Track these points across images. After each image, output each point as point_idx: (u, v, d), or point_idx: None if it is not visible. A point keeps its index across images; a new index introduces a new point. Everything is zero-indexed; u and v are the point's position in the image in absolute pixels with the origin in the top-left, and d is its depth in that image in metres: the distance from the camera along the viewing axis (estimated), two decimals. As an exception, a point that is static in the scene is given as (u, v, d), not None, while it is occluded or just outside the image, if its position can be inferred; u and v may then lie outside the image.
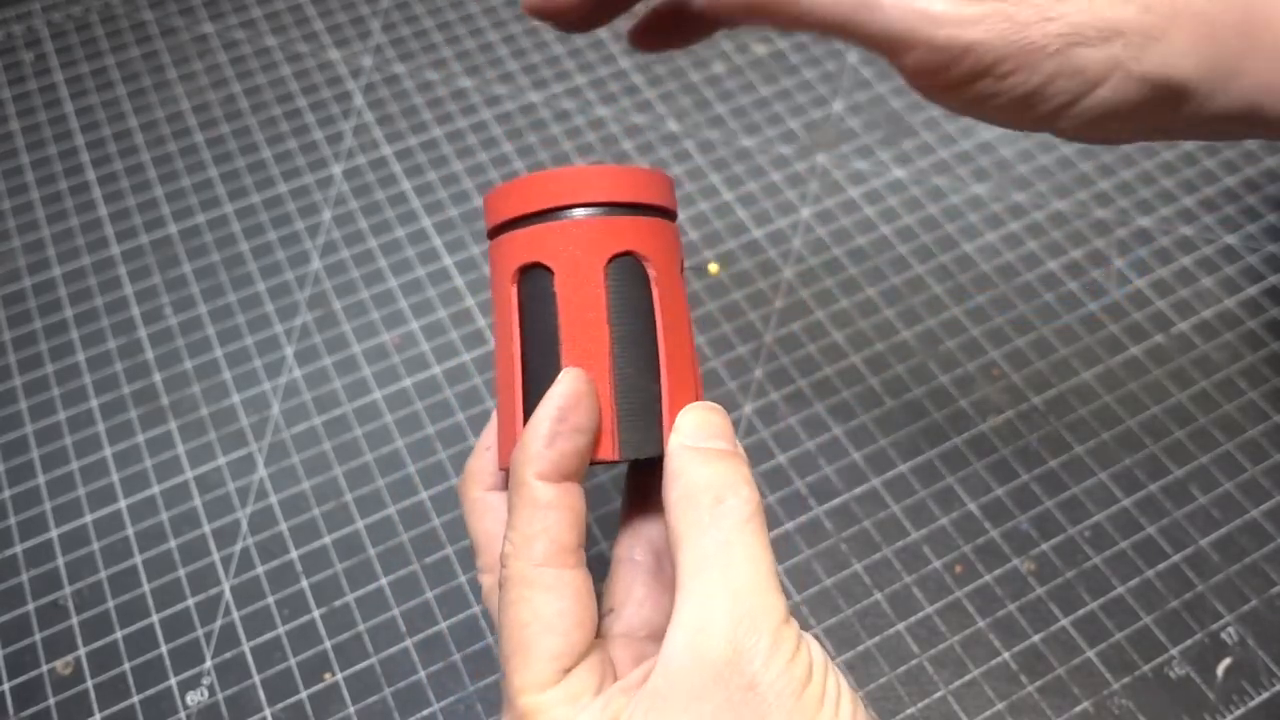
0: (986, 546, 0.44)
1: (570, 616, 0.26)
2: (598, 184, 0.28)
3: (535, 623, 0.25)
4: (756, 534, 0.25)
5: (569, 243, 0.28)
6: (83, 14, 0.64)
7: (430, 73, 0.60)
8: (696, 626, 0.24)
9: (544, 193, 0.28)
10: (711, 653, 0.23)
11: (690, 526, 0.25)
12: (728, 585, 0.24)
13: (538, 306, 0.28)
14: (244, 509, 0.45)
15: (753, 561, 0.25)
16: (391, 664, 0.41)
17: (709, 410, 0.28)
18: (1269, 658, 0.41)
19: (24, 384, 0.49)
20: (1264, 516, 0.44)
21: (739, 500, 0.26)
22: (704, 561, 0.25)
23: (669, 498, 0.26)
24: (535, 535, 0.26)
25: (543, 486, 0.26)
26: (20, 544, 0.44)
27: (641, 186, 0.29)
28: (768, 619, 0.24)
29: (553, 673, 0.25)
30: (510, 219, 0.29)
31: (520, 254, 0.28)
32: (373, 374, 0.49)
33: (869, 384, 0.48)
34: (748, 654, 0.23)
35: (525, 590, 0.26)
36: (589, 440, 0.27)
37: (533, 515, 0.26)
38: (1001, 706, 0.40)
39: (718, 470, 0.26)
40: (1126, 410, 0.47)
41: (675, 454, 0.27)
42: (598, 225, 0.28)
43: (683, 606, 0.24)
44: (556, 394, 0.26)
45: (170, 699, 0.41)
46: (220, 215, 0.55)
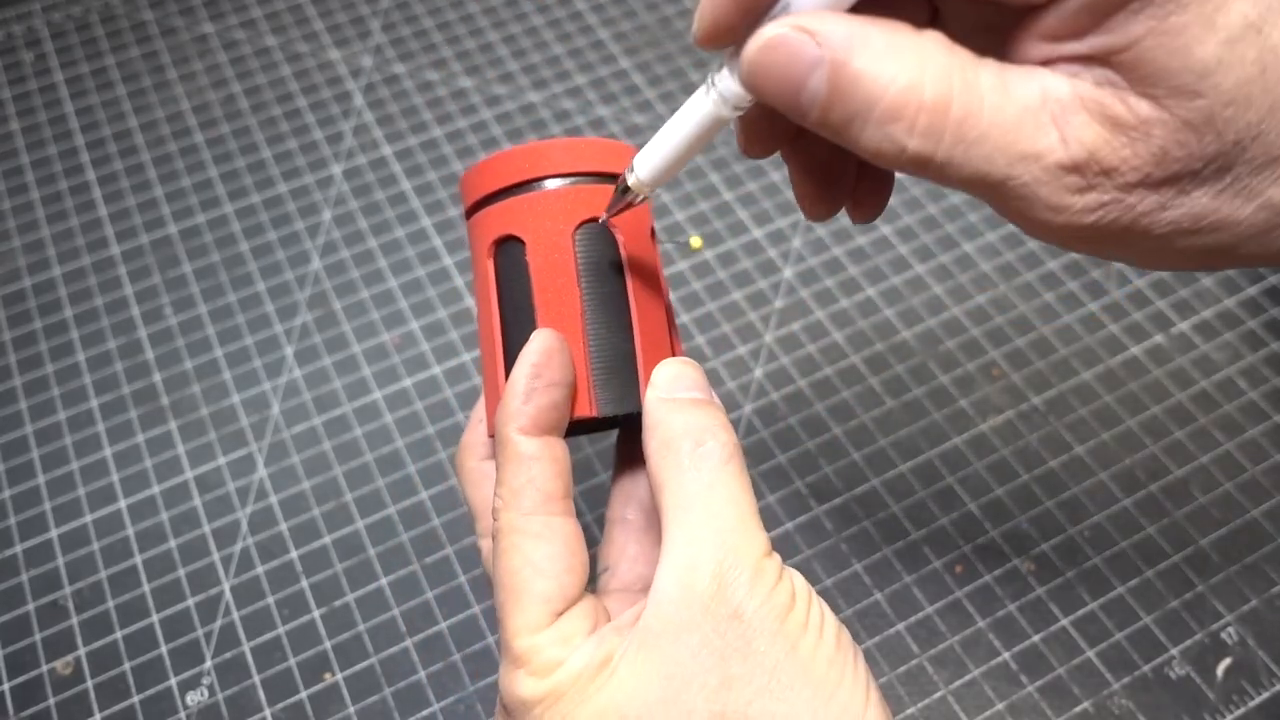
0: (986, 546, 0.44)
1: (560, 560, 0.27)
2: (562, 156, 0.30)
3: (526, 568, 0.26)
4: (736, 475, 0.26)
5: (538, 213, 0.29)
6: (83, 14, 0.64)
7: (430, 73, 0.60)
8: (684, 564, 0.25)
9: (511, 168, 0.30)
10: (698, 586, 0.24)
11: (672, 470, 0.26)
12: (711, 524, 0.25)
13: (513, 276, 0.30)
14: (244, 509, 0.45)
15: (734, 501, 0.26)
16: (391, 664, 0.41)
17: (682, 364, 0.29)
18: (1269, 658, 0.41)
19: (24, 384, 0.49)
20: (1264, 516, 0.44)
21: (717, 443, 0.26)
22: (687, 503, 0.26)
23: (649, 447, 0.27)
24: (522, 487, 0.27)
25: (525, 440, 0.27)
26: (20, 544, 0.44)
27: (605, 156, 0.30)
28: (750, 552, 0.25)
29: (545, 615, 0.26)
30: (482, 196, 0.30)
31: (493, 228, 0.30)
32: (373, 374, 0.49)
33: (869, 384, 0.48)
34: (732, 585, 0.24)
35: (516, 538, 0.27)
36: (565, 394, 0.28)
37: (518, 468, 0.27)
38: (1001, 706, 0.40)
39: (694, 416, 0.27)
40: (1126, 410, 0.47)
41: (652, 406, 0.28)
42: (564, 195, 0.29)
43: (670, 547, 0.25)
44: (530, 351, 0.28)
45: (170, 699, 0.41)
46: (220, 215, 0.55)
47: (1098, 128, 0.21)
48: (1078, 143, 0.21)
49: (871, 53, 0.21)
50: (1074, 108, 0.21)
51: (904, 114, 0.21)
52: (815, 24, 0.21)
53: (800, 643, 0.24)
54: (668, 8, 0.63)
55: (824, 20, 0.21)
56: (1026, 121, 0.21)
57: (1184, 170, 0.21)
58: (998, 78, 0.21)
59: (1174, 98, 0.20)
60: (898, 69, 0.21)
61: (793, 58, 0.21)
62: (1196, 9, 0.20)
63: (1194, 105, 0.20)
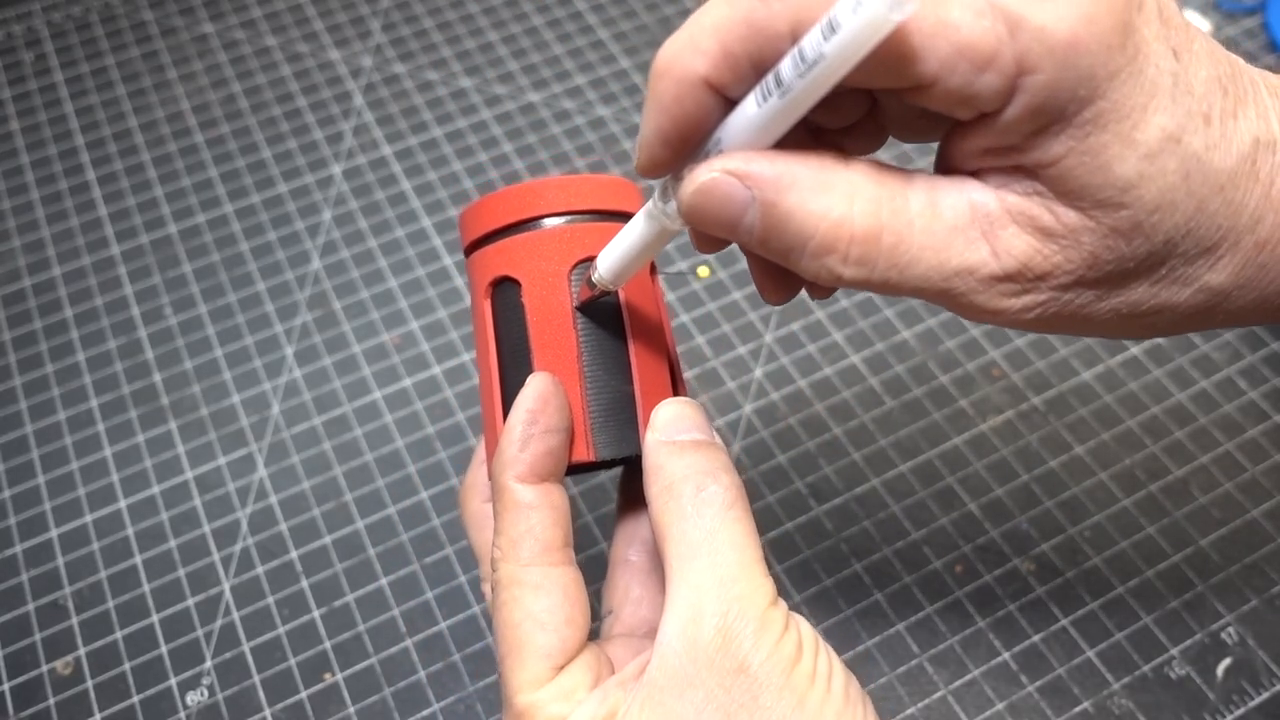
0: (986, 546, 0.44)
1: (560, 613, 0.26)
2: (556, 195, 0.29)
3: (526, 621, 0.26)
4: (739, 520, 0.26)
5: (533, 253, 0.29)
6: (83, 14, 0.64)
7: (430, 73, 0.60)
8: (688, 616, 0.24)
9: (507, 208, 0.29)
10: (702, 639, 0.24)
11: (674, 517, 0.26)
12: (715, 573, 0.25)
13: (509, 318, 0.29)
14: (244, 509, 0.45)
15: (737, 548, 0.25)
16: (391, 664, 0.41)
17: (681, 404, 0.28)
18: (1269, 658, 0.41)
19: (24, 384, 0.49)
20: (1264, 516, 0.44)
21: (720, 487, 0.26)
22: (690, 551, 0.25)
23: (650, 492, 0.27)
24: (520, 536, 0.27)
25: (522, 489, 0.27)
26: (20, 544, 0.44)
27: (600, 194, 0.30)
28: (755, 602, 0.24)
29: (546, 670, 0.26)
30: (479, 237, 0.30)
31: (490, 269, 0.29)
32: (373, 374, 0.49)
33: (869, 384, 0.48)
34: (737, 637, 0.24)
35: (515, 590, 0.26)
36: (562, 440, 0.27)
37: (516, 517, 0.27)
38: (1001, 706, 0.40)
39: (695, 460, 0.27)
40: (1126, 410, 0.47)
41: (651, 449, 0.27)
42: (560, 234, 0.29)
43: (674, 597, 0.25)
44: (525, 397, 0.27)
45: (170, 699, 0.41)
46: (220, 215, 0.55)
47: (1028, 238, 0.21)
48: (1009, 255, 0.22)
49: (799, 191, 0.21)
50: (1003, 220, 0.22)
51: (836, 247, 0.21)
52: (743, 166, 0.21)
53: (808, 696, 0.24)
54: (668, 8, 0.63)
55: (752, 161, 0.21)
56: (957, 239, 0.22)
57: (1116, 270, 0.22)
58: (927, 198, 0.22)
59: (1099, 209, 0.21)
60: (827, 205, 0.21)
61: (725, 200, 0.22)
62: (1114, 128, 0.20)
63: (1119, 215, 0.21)
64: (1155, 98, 0.20)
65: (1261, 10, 0.61)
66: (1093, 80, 0.19)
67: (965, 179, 0.22)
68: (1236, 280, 0.22)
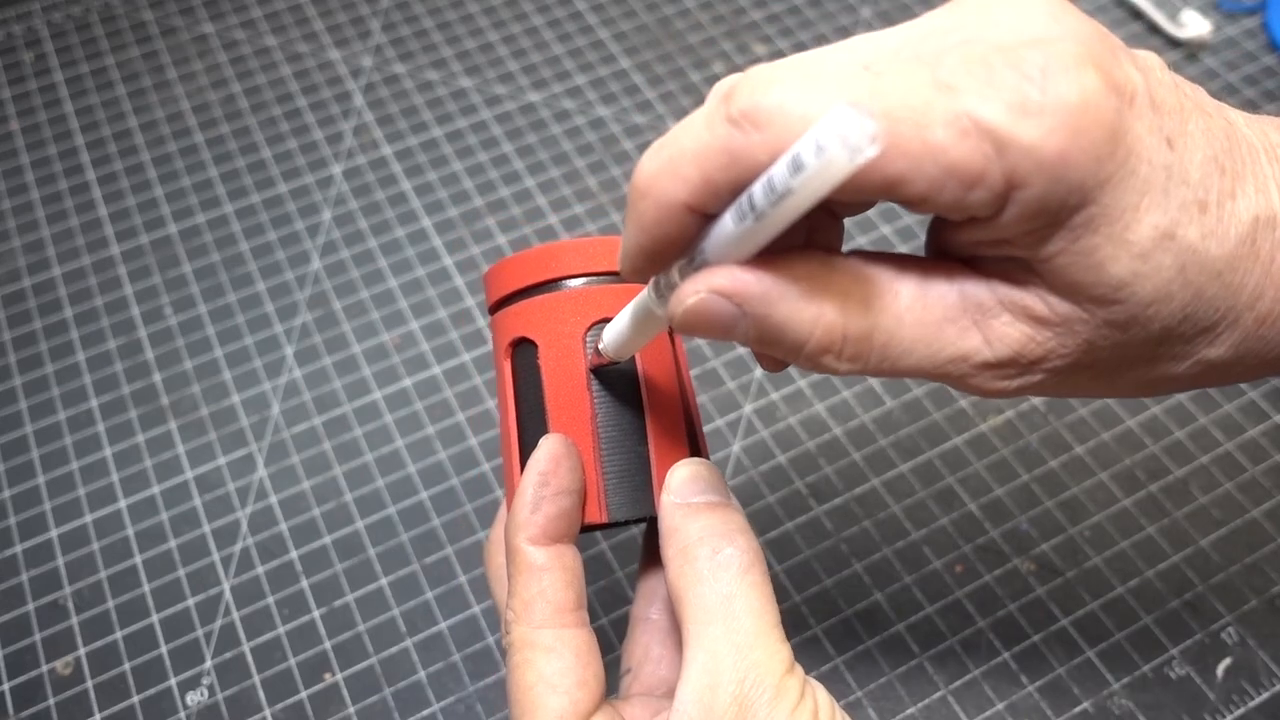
0: (986, 546, 0.44)
1: (572, 675, 0.26)
2: (575, 257, 0.29)
3: (539, 684, 0.26)
4: (756, 585, 0.25)
5: (549, 315, 0.29)
6: (83, 14, 0.64)
7: (430, 73, 0.60)
8: (704, 682, 0.24)
9: (527, 270, 0.30)
10: (719, 706, 0.24)
11: (690, 580, 0.26)
12: (731, 639, 0.25)
13: (527, 378, 0.30)
14: (244, 509, 0.45)
15: (754, 613, 0.25)
16: (391, 664, 0.41)
17: (696, 465, 0.28)
18: (1269, 658, 0.41)
19: (24, 384, 0.49)
20: (1264, 516, 0.44)
21: (736, 550, 0.26)
22: (707, 615, 0.25)
23: (666, 554, 0.27)
24: (533, 599, 0.27)
25: (535, 551, 0.27)
26: (20, 544, 0.44)
27: (617, 254, 0.29)
28: (771, 669, 0.24)
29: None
30: (500, 298, 0.30)
31: (509, 330, 0.30)
32: (373, 374, 0.49)
33: (869, 384, 0.48)
34: (752, 705, 0.24)
35: (528, 653, 0.26)
36: (574, 502, 0.27)
37: (529, 580, 0.27)
38: (1001, 706, 0.40)
39: (711, 522, 0.26)
40: (1126, 410, 0.47)
41: (666, 511, 0.27)
42: (576, 296, 0.29)
43: (690, 662, 0.25)
44: (536, 459, 0.27)
45: (170, 699, 0.41)
46: (220, 215, 0.55)
47: (1021, 326, 0.22)
48: (1001, 343, 0.22)
49: (788, 303, 0.21)
50: (995, 309, 0.22)
51: (830, 349, 0.22)
52: (729, 284, 0.21)
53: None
54: (668, 8, 0.63)
55: (737, 278, 0.21)
56: (948, 329, 0.22)
57: (1112, 355, 0.22)
58: (917, 290, 0.22)
59: (1094, 304, 0.21)
60: (817, 313, 0.21)
61: (715, 317, 0.22)
62: (1106, 230, 0.20)
63: (1114, 310, 0.21)
64: (1148, 195, 0.20)
65: (1261, 10, 0.61)
66: (1082, 190, 0.19)
67: (956, 267, 0.22)
68: (1236, 353, 0.22)
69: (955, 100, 0.19)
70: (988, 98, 0.19)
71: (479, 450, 0.46)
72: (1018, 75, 0.19)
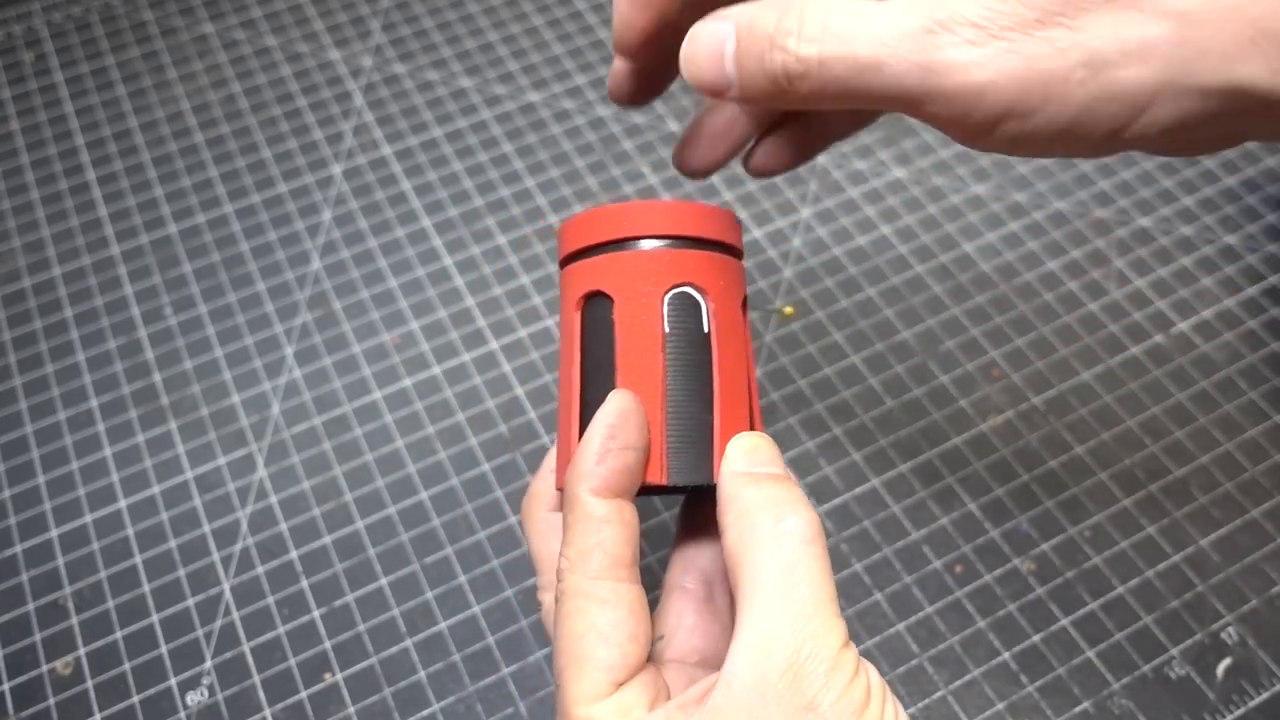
0: (986, 546, 0.44)
1: (624, 628, 0.26)
2: (662, 218, 0.29)
3: (590, 634, 0.26)
4: (818, 557, 0.25)
5: (630, 273, 0.29)
6: (83, 14, 0.64)
7: (430, 73, 0.60)
8: (760, 647, 0.24)
9: (611, 224, 0.30)
10: (773, 673, 0.24)
11: (751, 545, 0.25)
12: (790, 607, 0.24)
13: (598, 333, 0.29)
14: (244, 509, 0.45)
15: (814, 584, 0.25)
16: (391, 664, 0.41)
17: (758, 438, 0.28)
18: (1269, 658, 0.41)
19: (24, 384, 0.49)
20: (1264, 516, 0.44)
21: (800, 520, 0.26)
22: (767, 581, 0.25)
23: (725, 520, 0.26)
24: (590, 549, 0.26)
25: (596, 502, 0.27)
26: (20, 544, 0.44)
27: (705, 222, 0.30)
28: (828, 641, 0.24)
29: (606, 684, 0.25)
30: (579, 249, 0.30)
31: (585, 282, 0.30)
32: (373, 374, 0.49)
33: (869, 384, 0.48)
34: (809, 675, 0.23)
35: (581, 602, 0.26)
36: (638, 458, 0.27)
37: (587, 530, 0.27)
38: (1001, 706, 0.40)
39: (773, 491, 0.26)
40: (1126, 410, 0.47)
41: (727, 479, 0.27)
42: (659, 257, 0.29)
43: (745, 626, 0.24)
44: (606, 412, 0.27)
45: (170, 699, 0.41)
46: (220, 215, 0.55)
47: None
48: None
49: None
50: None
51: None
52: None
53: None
54: (668, 8, 0.63)
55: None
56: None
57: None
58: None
59: None
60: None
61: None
62: None
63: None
64: None
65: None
66: None
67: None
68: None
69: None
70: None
71: (479, 450, 0.46)
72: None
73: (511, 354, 0.49)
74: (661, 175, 0.55)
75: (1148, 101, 0.23)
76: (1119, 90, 0.22)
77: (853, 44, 0.24)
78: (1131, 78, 0.22)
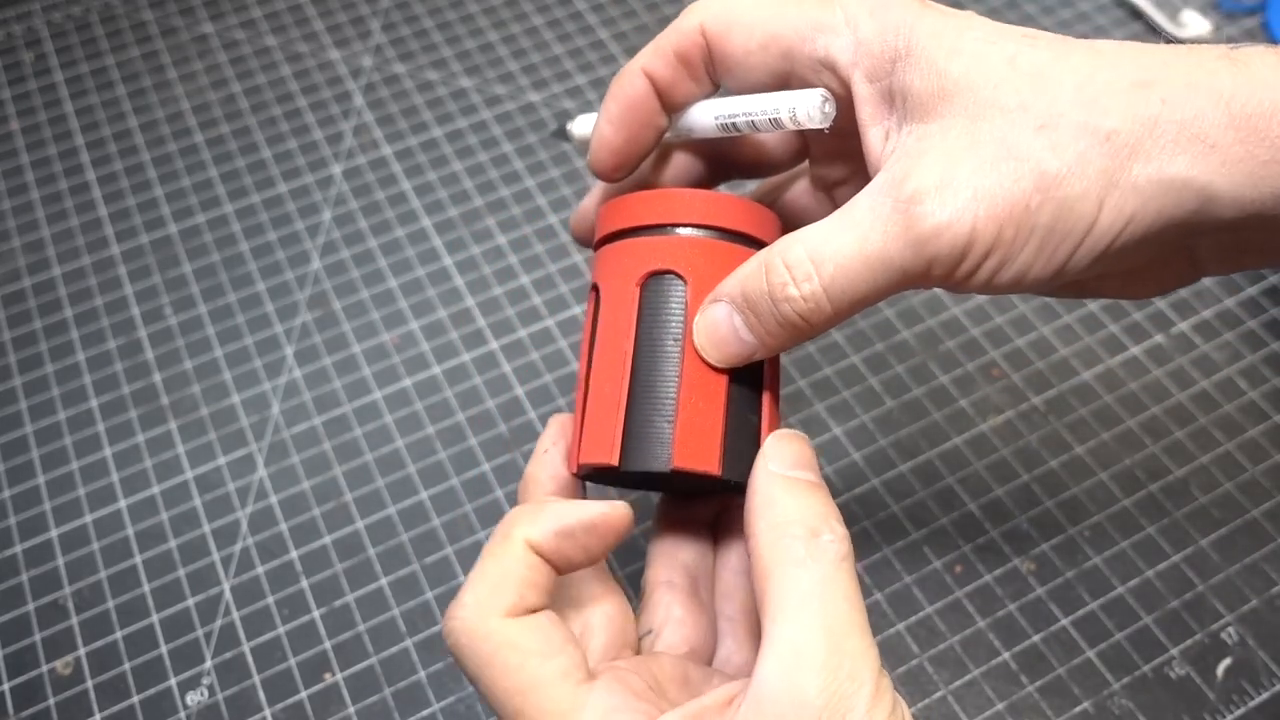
0: (986, 546, 0.44)
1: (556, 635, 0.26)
2: (738, 212, 0.30)
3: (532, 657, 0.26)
4: (851, 576, 0.25)
5: (708, 258, 0.29)
6: (83, 14, 0.64)
7: (430, 73, 0.60)
8: (792, 663, 0.24)
9: (686, 207, 0.30)
10: (808, 692, 0.23)
11: (784, 557, 0.25)
12: (825, 624, 0.24)
13: (660, 313, 0.29)
14: (244, 509, 0.45)
15: (849, 603, 0.25)
16: (391, 664, 0.41)
17: (800, 440, 0.28)
18: (1269, 658, 0.41)
19: (24, 384, 0.49)
20: (1264, 516, 0.44)
21: (835, 537, 0.26)
22: (800, 596, 0.24)
23: (757, 525, 0.26)
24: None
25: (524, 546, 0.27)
26: (20, 544, 0.44)
27: (766, 226, 0.30)
28: (867, 666, 0.24)
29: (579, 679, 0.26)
30: (646, 224, 0.30)
31: (655, 259, 0.29)
32: (373, 374, 0.49)
33: (869, 384, 0.48)
34: (848, 700, 0.23)
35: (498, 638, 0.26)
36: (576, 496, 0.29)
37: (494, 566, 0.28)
38: (1001, 706, 0.40)
39: (810, 503, 0.26)
40: (1126, 410, 0.47)
41: (765, 480, 0.27)
42: (728, 251, 0.29)
43: (776, 639, 0.24)
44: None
45: (170, 699, 0.41)
46: (220, 215, 0.55)
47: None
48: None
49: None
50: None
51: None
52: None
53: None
54: (668, 8, 0.63)
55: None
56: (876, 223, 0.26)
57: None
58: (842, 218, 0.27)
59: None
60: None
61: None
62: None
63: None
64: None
65: (1262, 10, 0.61)
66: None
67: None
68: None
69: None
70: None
71: (479, 450, 0.46)
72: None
73: (511, 354, 0.49)
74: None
75: (1095, 210, 0.24)
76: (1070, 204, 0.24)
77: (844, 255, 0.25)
78: (1076, 191, 0.24)
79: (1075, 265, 0.25)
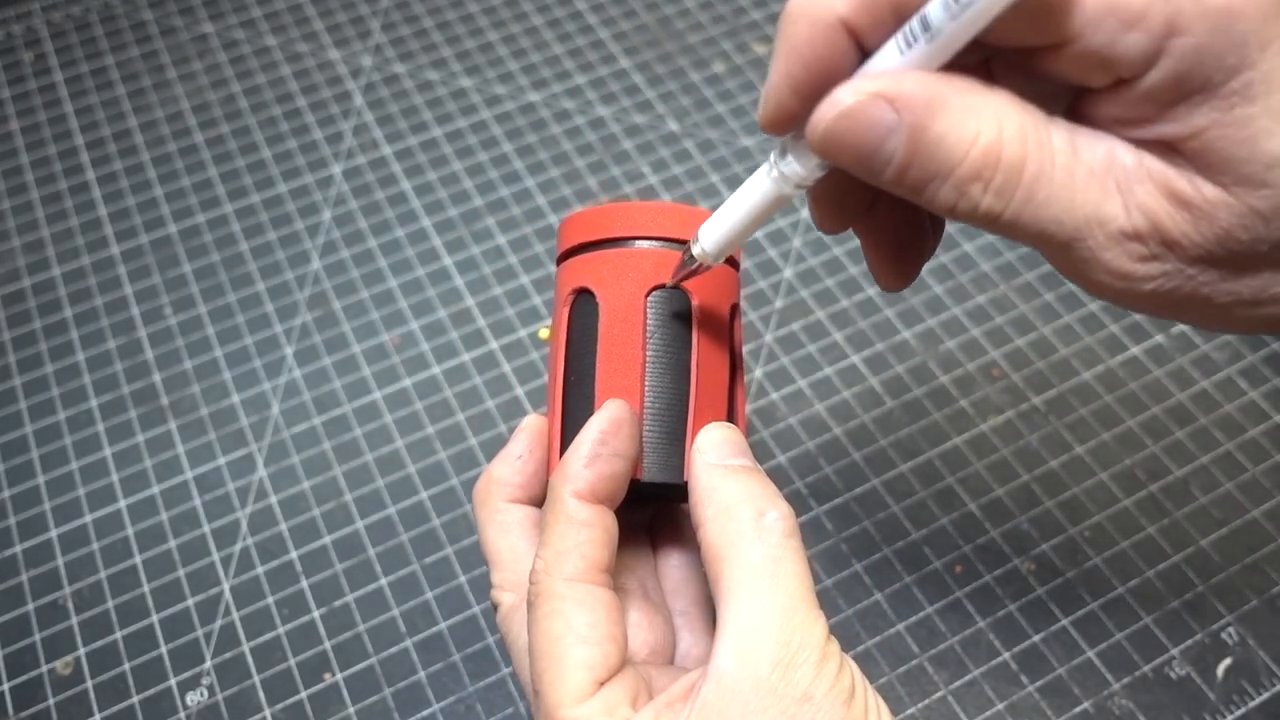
0: (986, 546, 0.44)
1: (602, 629, 0.26)
2: (648, 219, 0.30)
3: (569, 634, 0.25)
4: (797, 551, 0.25)
5: (615, 271, 0.29)
6: (83, 14, 0.64)
7: (430, 73, 0.60)
8: (747, 642, 0.24)
9: (601, 224, 0.30)
10: (762, 667, 0.24)
11: (733, 539, 0.25)
12: (775, 601, 0.24)
13: (584, 330, 0.30)
14: (244, 509, 0.45)
15: (798, 577, 0.25)
16: (391, 664, 0.41)
17: (726, 429, 0.28)
18: (1269, 658, 0.41)
19: (24, 384, 0.49)
20: (1264, 516, 0.44)
21: (779, 514, 0.26)
22: (751, 576, 0.25)
23: (703, 514, 0.26)
24: (568, 551, 0.26)
25: (579, 505, 0.27)
26: (20, 544, 0.44)
27: (694, 225, 0.30)
28: (815, 633, 0.24)
29: (588, 684, 0.25)
30: (571, 247, 0.31)
31: (573, 279, 0.30)
32: (373, 374, 0.49)
33: (869, 384, 0.48)
34: (800, 666, 0.24)
35: (558, 603, 0.26)
36: (626, 467, 0.27)
37: (567, 531, 0.26)
38: (1001, 706, 0.40)
39: (750, 487, 0.26)
40: (1126, 410, 0.47)
41: (701, 471, 0.27)
42: (643, 256, 0.29)
43: (730, 621, 0.24)
44: (600, 418, 0.27)
45: (170, 699, 0.41)
46: (220, 215, 0.55)
47: (1162, 200, 0.21)
48: (1140, 211, 0.21)
49: (950, 116, 0.20)
50: (1139, 176, 0.21)
51: (982, 174, 0.21)
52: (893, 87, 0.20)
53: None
54: (668, 8, 0.63)
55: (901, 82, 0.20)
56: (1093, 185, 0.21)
57: (1248, 251, 0.21)
58: (1068, 138, 0.21)
59: (1241, 186, 0.20)
60: (976, 129, 0.20)
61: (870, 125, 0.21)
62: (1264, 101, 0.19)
63: (1262, 194, 0.20)
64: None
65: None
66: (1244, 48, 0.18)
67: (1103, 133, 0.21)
68: None
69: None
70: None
71: (479, 450, 0.46)
72: None
73: (511, 354, 0.49)
74: (661, 175, 0.55)
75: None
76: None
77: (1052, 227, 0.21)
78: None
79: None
